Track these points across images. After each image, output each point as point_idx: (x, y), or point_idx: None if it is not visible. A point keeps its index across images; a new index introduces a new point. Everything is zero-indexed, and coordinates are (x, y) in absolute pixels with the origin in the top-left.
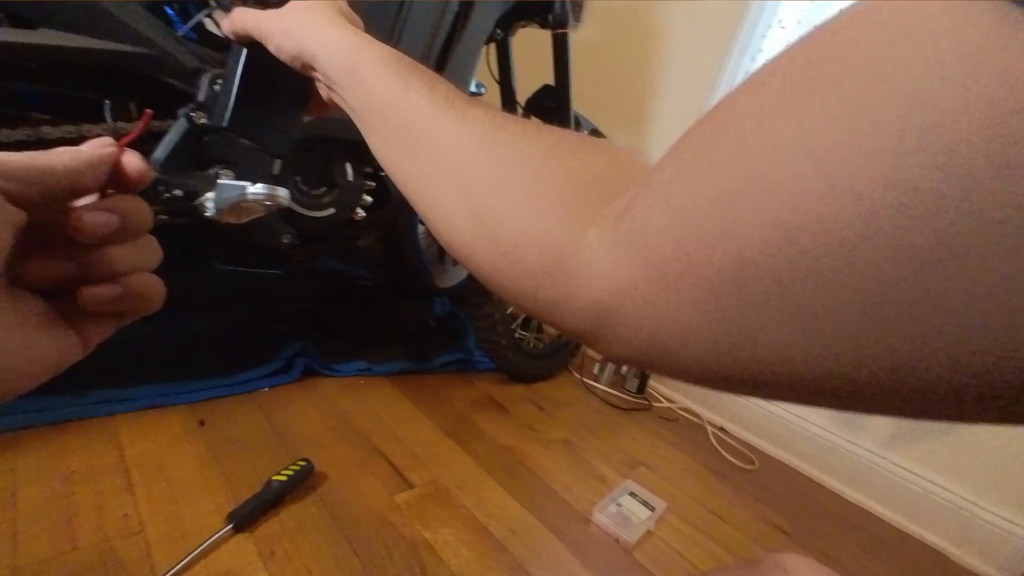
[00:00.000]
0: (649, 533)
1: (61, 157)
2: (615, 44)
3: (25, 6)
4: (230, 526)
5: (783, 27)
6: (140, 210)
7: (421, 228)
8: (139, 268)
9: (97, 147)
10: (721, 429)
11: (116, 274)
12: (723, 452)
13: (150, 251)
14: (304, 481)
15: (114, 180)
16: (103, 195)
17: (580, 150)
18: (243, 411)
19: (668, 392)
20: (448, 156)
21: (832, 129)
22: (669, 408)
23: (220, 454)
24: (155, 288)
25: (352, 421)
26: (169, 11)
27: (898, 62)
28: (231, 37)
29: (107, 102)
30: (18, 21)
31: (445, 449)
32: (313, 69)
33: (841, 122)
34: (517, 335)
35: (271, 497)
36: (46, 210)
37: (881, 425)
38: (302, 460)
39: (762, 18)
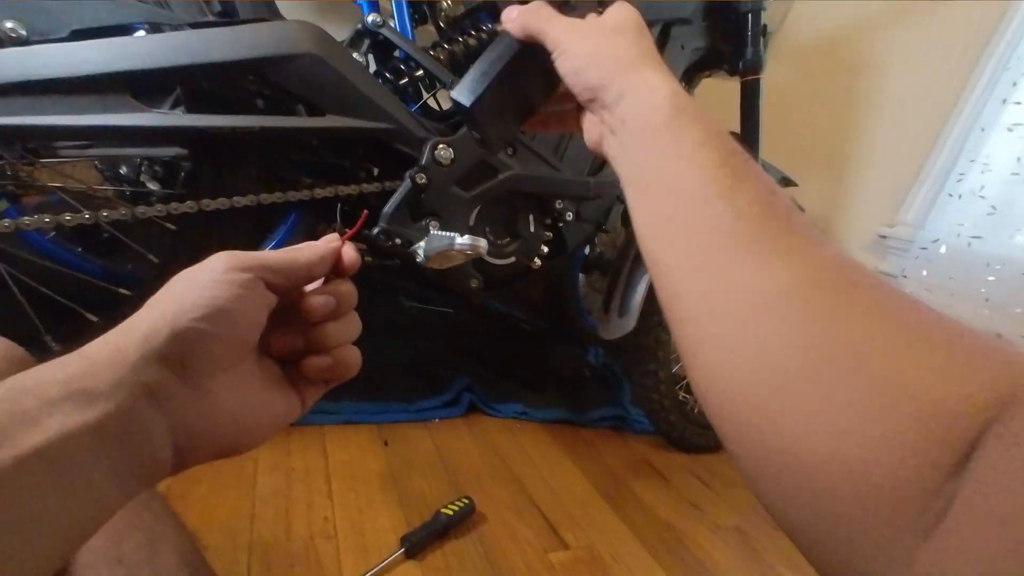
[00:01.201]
0: None
1: (303, 252)
2: (808, 85)
3: (323, 100)
4: (402, 550)
5: None
6: (350, 293)
7: (580, 277)
8: (345, 341)
9: (326, 242)
10: None
11: (330, 346)
12: None
13: (353, 326)
14: (467, 519)
15: (334, 267)
16: (326, 280)
17: (953, 345)
18: (418, 437)
19: None
20: (748, 294)
21: None
22: None
23: (398, 475)
24: (355, 358)
25: (509, 464)
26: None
27: None
28: (511, 30)
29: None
30: (312, 110)
31: (600, 511)
32: (604, 107)
33: None
34: (681, 397)
35: (439, 529)
36: (288, 294)
37: None
38: (466, 498)
39: (1022, 35)
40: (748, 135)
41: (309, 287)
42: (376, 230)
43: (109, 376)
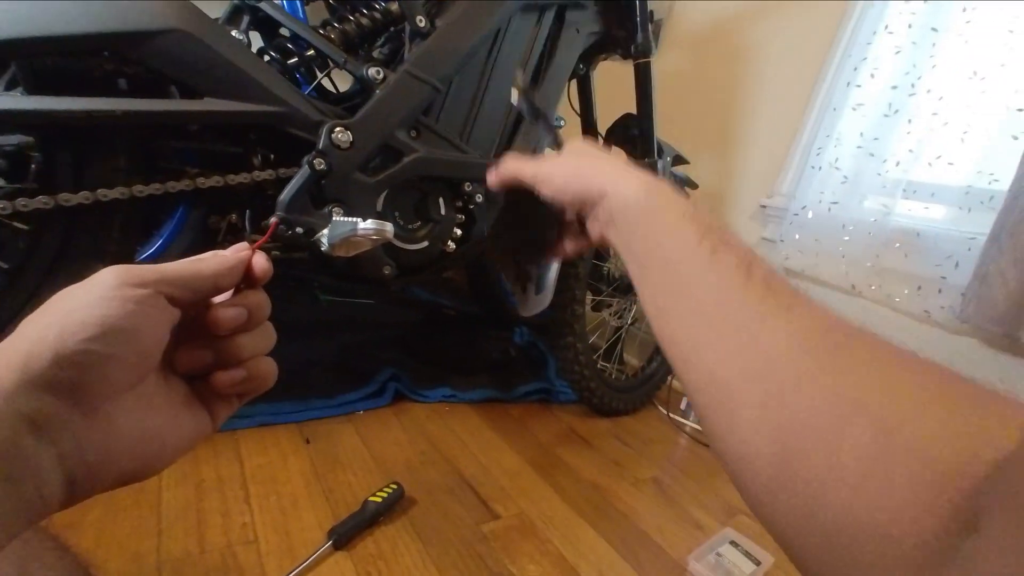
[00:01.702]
0: None
1: (209, 263)
2: (697, 69)
3: (198, 81)
4: (330, 543)
5: (890, 32)
6: (262, 303)
7: None
8: (259, 352)
9: (235, 251)
10: None
11: (242, 359)
12: None
13: (267, 337)
14: (396, 504)
15: (244, 277)
16: (236, 290)
17: (952, 397)
18: (341, 432)
19: None
20: (752, 355)
21: None
22: None
23: (323, 472)
24: (269, 370)
25: (439, 447)
26: (297, 74)
27: None
28: (495, 187)
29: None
30: (187, 92)
31: (529, 481)
32: (593, 208)
33: None
34: (599, 366)
35: (367, 517)
36: (193, 307)
37: None
38: (394, 484)
39: (865, 24)
40: (643, 115)
41: (217, 298)
42: (272, 218)
43: None
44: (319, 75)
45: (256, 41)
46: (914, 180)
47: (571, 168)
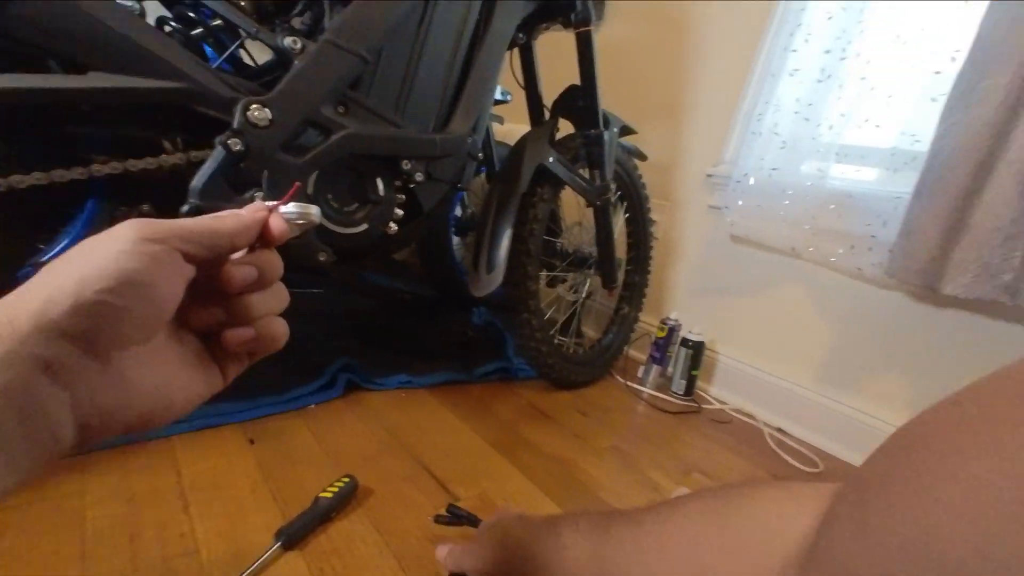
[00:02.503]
0: None
1: (226, 222)
2: (643, 40)
3: (77, 53)
4: (278, 544)
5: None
6: (274, 263)
7: (456, 239)
8: (270, 312)
9: (252, 211)
10: (779, 430)
11: (253, 318)
12: (783, 455)
13: (279, 297)
14: (350, 497)
15: (260, 237)
16: (250, 249)
17: (737, 512)
18: (292, 428)
19: (718, 393)
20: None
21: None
22: (721, 410)
23: (270, 472)
24: (281, 330)
25: (398, 435)
26: (205, 46)
27: None
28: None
29: (258, 193)
30: (71, 68)
31: (491, 461)
32: None
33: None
34: (556, 341)
35: (319, 514)
36: (209, 265)
37: None
38: (346, 476)
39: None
40: (587, 85)
41: (232, 257)
42: (186, 208)
43: None
44: (229, 47)
45: (160, 13)
46: (846, 144)
47: None
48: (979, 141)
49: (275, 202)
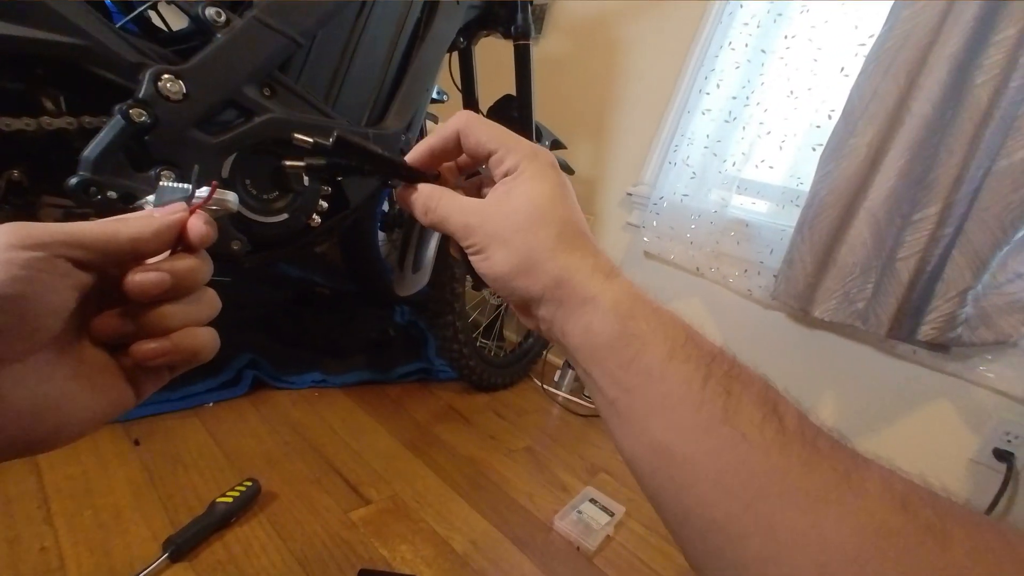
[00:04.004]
0: (609, 539)
1: (129, 226)
2: (578, 57)
3: None
4: (166, 555)
5: (733, 48)
6: (195, 270)
7: (381, 235)
8: (193, 322)
9: (168, 212)
10: None
11: (168, 330)
12: None
13: (204, 305)
14: (251, 502)
15: (180, 241)
16: (173, 251)
17: None
18: (185, 429)
19: None
20: (817, 550)
21: None
22: None
23: (158, 477)
24: (206, 341)
25: (306, 436)
26: (108, 3)
27: None
28: (417, 217)
29: (196, 167)
30: None
31: (405, 462)
32: (541, 317)
33: None
34: (479, 343)
35: (215, 521)
36: (112, 270)
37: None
38: (248, 480)
39: (714, 40)
40: (522, 97)
41: (150, 260)
42: (75, 180)
43: None
44: (137, 7)
45: None
46: (746, 178)
47: (509, 255)
48: (846, 189)
49: (196, 202)
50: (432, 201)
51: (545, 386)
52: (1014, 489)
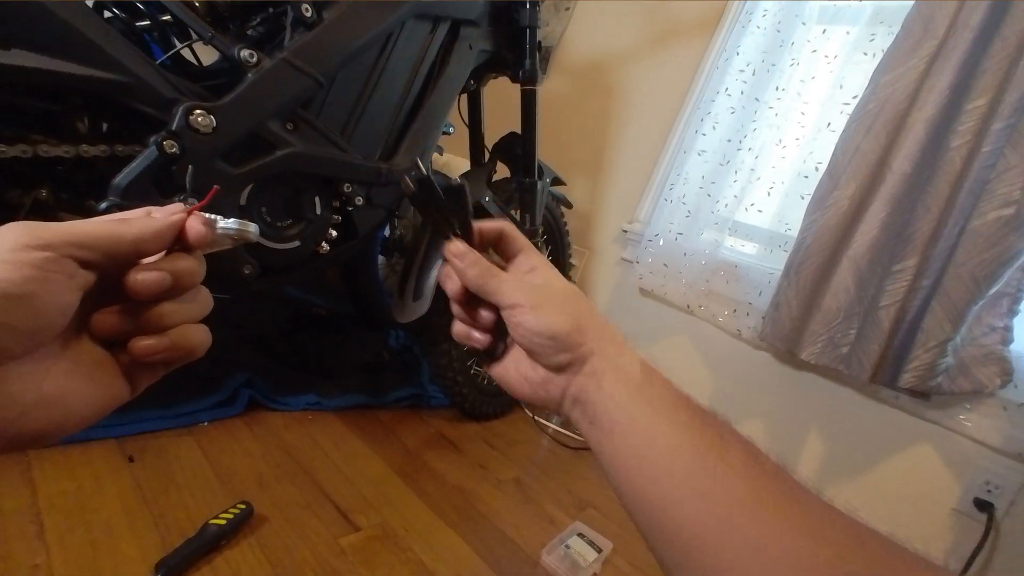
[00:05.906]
0: None
1: (132, 227)
2: (579, 96)
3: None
4: None
5: (729, 94)
6: (192, 270)
7: (380, 259)
8: (188, 320)
9: (167, 214)
10: None
11: (165, 327)
12: None
13: (199, 304)
14: (243, 525)
15: (178, 239)
16: (169, 251)
17: None
18: (179, 447)
19: None
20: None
21: None
22: None
23: (150, 495)
24: (199, 338)
25: (298, 459)
26: (148, 38)
27: None
28: (465, 280)
29: (190, 167)
30: None
31: (394, 489)
32: (573, 371)
33: None
34: (472, 371)
35: (206, 543)
36: (114, 269)
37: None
38: (242, 503)
39: (710, 85)
40: (527, 137)
41: (147, 260)
42: (105, 205)
43: None
44: (177, 44)
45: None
46: (737, 221)
47: (560, 316)
48: (830, 237)
49: (195, 204)
50: (476, 272)
51: (536, 417)
52: (995, 540)
